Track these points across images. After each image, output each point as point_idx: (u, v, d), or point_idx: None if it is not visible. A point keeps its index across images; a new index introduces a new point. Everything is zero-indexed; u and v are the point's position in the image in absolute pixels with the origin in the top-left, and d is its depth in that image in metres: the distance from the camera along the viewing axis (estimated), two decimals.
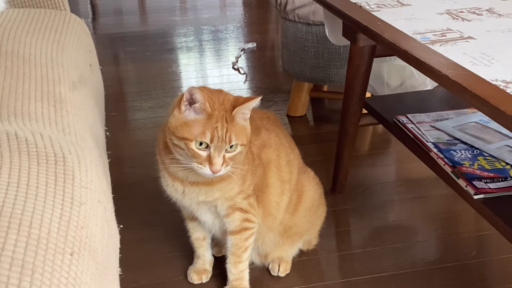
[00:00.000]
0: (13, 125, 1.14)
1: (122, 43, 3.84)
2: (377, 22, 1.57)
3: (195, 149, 1.30)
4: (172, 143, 1.34)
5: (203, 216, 1.54)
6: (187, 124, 1.30)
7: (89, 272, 0.87)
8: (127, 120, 2.79)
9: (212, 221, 1.55)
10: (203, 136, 1.29)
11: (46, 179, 0.97)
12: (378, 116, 1.92)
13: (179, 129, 1.30)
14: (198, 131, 1.29)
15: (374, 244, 1.85)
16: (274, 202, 1.55)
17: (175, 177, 1.43)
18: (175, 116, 1.31)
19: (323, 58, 2.49)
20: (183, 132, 1.30)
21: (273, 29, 4.07)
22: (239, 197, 1.47)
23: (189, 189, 1.43)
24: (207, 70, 3.41)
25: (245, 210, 1.49)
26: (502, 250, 1.80)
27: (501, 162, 1.58)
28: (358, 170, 2.26)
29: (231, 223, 1.52)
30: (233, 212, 1.49)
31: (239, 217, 1.50)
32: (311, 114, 2.75)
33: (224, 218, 1.51)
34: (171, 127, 1.32)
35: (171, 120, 1.32)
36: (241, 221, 1.51)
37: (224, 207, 1.48)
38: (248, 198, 1.48)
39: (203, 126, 1.29)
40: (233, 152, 1.33)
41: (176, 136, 1.31)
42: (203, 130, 1.29)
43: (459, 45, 1.39)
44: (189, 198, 1.45)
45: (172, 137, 1.32)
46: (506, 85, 1.16)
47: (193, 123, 1.29)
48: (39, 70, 1.44)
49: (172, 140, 1.33)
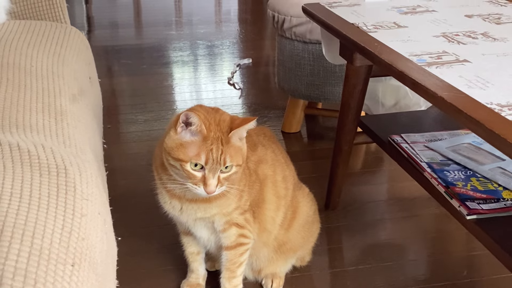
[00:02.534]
0: (15, 137, 1.15)
1: (117, 55, 3.86)
2: (374, 43, 1.60)
3: (190, 170, 1.31)
4: (168, 163, 1.35)
5: (199, 232, 1.55)
6: (182, 145, 1.31)
7: (89, 283, 0.88)
8: (122, 132, 2.80)
9: (208, 237, 1.56)
10: (198, 158, 1.30)
11: (49, 191, 0.98)
12: (373, 135, 1.94)
13: (174, 150, 1.32)
14: (193, 152, 1.30)
15: (366, 262, 1.87)
16: (270, 218, 1.57)
17: (172, 194, 1.44)
18: (171, 137, 1.33)
19: (319, 76, 2.52)
20: (178, 154, 1.31)
21: (268, 45, 4.11)
22: (235, 212, 1.48)
23: (187, 206, 1.45)
24: (202, 85, 3.43)
25: (241, 225, 1.51)
26: (493, 270, 1.82)
27: (493, 183, 1.60)
28: (352, 188, 2.28)
29: (227, 239, 1.53)
30: (230, 227, 1.50)
31: (235, 232, 1.51)
32: (305, 130, 2.78)
33: (220, 233, 1.52)
34: (167, 148, 1.33)
35: (167, 140, 1.33)
36: (237, 236, 1.52)
37: (222, 222, 1.49)
38: (244, 214, 1.50)
39: (199, 148, 1.30)
40: (228, 172, 1.34)
41: (171, 156, 1.32)
42: (198, 152, 1.30)
43: (455, 68, 1.41)
44: (187, 215, 1.47)
45: (168, 157, 1.34)
46: (501, 109, 1.19)
47: (189, 144, 1.31)
48: (40, 82, 1.45)
49: (168, 160, 1.34)
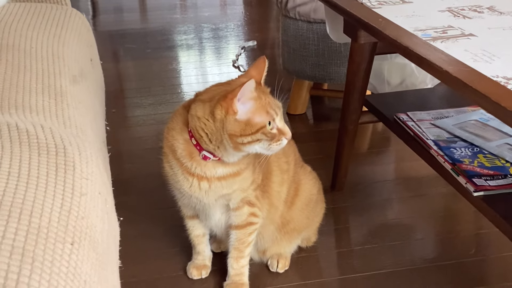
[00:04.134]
0: (14, 117, 1.14)
1: (122, 40, 3.84)
2: (379, 19, 1.57)
3: (271, 130, 1.32)
4: (247, 142, 1.32)
5: (212, 213, 1.55)
6: (249, 119, 1.31)
7: (89, 262, 0.87)
8: (127, 116, 2.80)
9: (219, 217, 1.57)
10: (269, 116, 1.32)
11: (47, 170, 0.97)
12: (379, 113, 1.92)
13: (247, 127, 1.30)
14: (262, 115, 1.31)
15: (373, 242, 1.85)
16: (276, 192, 1.58)
17: (201, 177, 1.42)
18: (232, 121, 1.30)
19: (324, 56, 2.49)
20: (251, 127, 1.30)
21: (273, 27, 4.07)
22: (251, 188, 1.49)
23: (215, 184, 1.43)
24: (207, 68, 3.41)
25: (252, 203, 1.52)
26: (501, 248, 1.80)
27: (501, 159, 1.58)
28: (358, 168, 2.26)
29: (239, 217, 1.53)
30: (243, 206, 1.51)
31: (246, 211, 1.52)
32: (311, 112, 2.75)
33: (233, 212, 1.53)
34: (237, 132, 1.31)
35: (231, 128, 1.30)
36: (248, 215, 1.53)
37: (238, 200, 1.50)
38: (256, 190, 1.50)
39: (261, 108, 1.31)
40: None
41: (246, 134, 1.31)
42: (265, 111, 1.31)
43: (460, 42, 1.39)
44: (213, 193, 1.45)
45: (243, 139, 1.31)
46: (507, 81, 1.16)
47: (252, 113, 1.31)
48: (40, 64, 1.44)
49: (243, 141, 1.31)
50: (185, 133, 1.40)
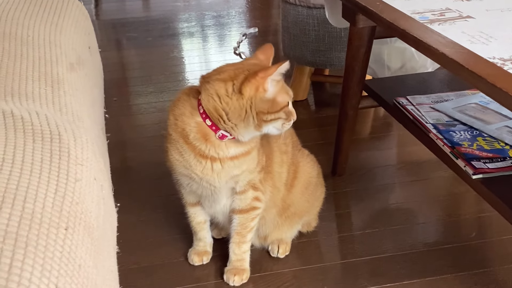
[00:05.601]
0: (9, 104, 1.14)
1: (124, 28, 3.83)
2: (376, 2, 1.56)
3: (289, 108, 1.40)
4: (268, 121, 1.38)
5: (220, 197, 1.56)
6: (275, 97, 1.37)
7: (84, 246, 0.87)
8: (129, 105, 2.80)
9: (224, 203, 1.58)
10: (288, 96, 1.40)
11: (42, 156, 0.97)
12: (378, 98, 1.91)
13: (273, 105, 1.36)
14: (284, 94, 1.39)
15: (374, 226, 1.85)
16: (277, 174, 1.59)
17: (214, 158, 1.44)
18: (263, 98, 1.36)
19: (324, 42, 2.48)
20: (277, 104, 1.37)
21: (275, 14, 4.05)
22: (256, 170, 1.51)
23: (228, 164, 1.45)
24: (209, 55, 3.41)
25: (256, 187, 1.53)
26: (502, 231, 1.80)
27: (500, 142, 1.57)
28: (359, 153, 2.26)
29: (243, 201, 1.55)
30: (248, 189, 1.53)
31: (251, 195, 1.54)
32: (312, 98, 2.75)
33: (237, 195, 1.54)
34: (264, 109, 1.36)
35: (260, 104, 1.36)
36: (252, 199, 1.55)
37: (244, 182, 1.52)
38: (261, 172, 1.52)
39: (282, 89, 1.38)
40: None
41: (272, 112, 1.37)
42: (285, 92, 1.39)
43: (458, 24, 1.38)
44: (225, 174, 1.47)
45: (267, 116, 1.37)
46: (504, 63, 1.16)
47: (278, 92, 1.37)
48: (37, 51, 1.43)
49: (267, 118, 1.37)
50: (197, 116, 1.41)
